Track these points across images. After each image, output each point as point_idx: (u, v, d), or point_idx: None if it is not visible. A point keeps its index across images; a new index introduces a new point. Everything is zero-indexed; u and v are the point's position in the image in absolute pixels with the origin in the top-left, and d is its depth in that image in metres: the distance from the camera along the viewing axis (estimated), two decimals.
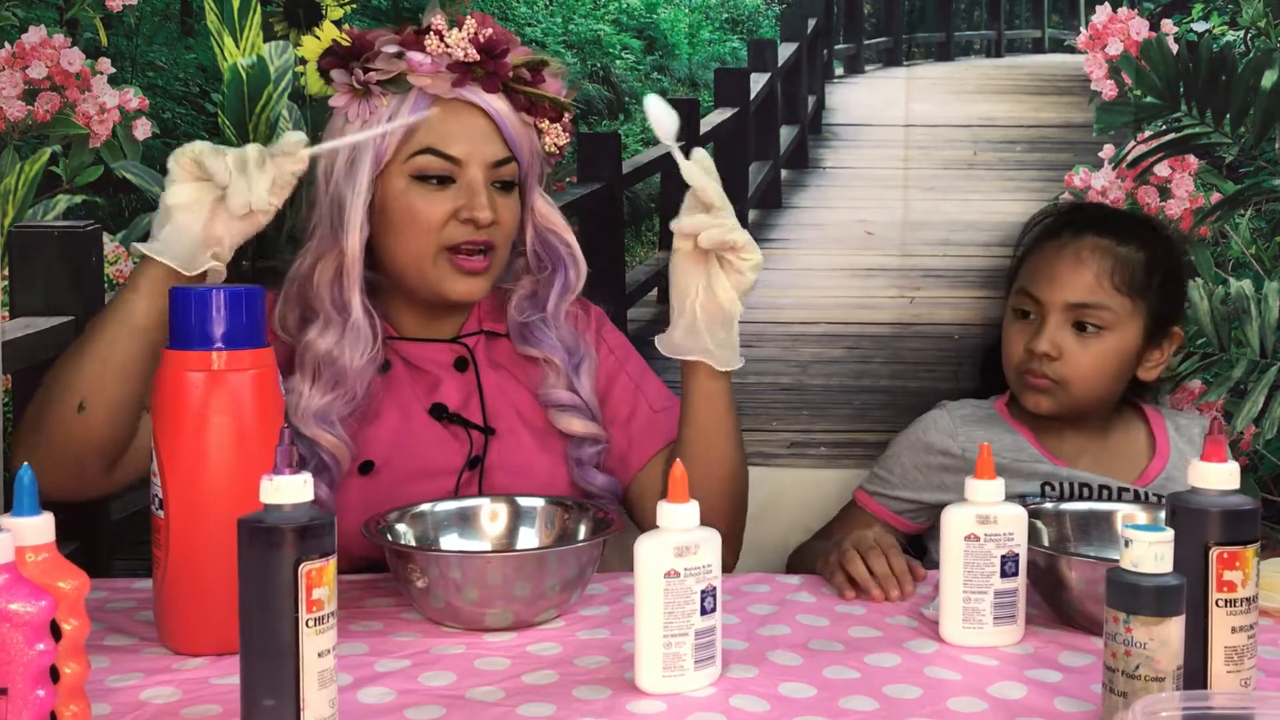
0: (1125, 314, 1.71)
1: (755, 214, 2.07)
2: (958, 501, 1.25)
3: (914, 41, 2.07)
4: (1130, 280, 1.70)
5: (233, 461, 1.19)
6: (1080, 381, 1.70)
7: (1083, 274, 1.70)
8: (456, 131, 1.51)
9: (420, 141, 1.51)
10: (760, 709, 1.10)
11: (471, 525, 1.44)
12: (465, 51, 1.49)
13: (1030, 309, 1.73)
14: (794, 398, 2.06)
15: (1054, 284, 1.71)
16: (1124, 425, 1.80)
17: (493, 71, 1.51)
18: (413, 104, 1.50)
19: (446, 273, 1.52)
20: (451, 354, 1.60)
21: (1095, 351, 1.70)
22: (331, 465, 1.49)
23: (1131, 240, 1.73)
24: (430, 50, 1.49)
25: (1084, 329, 1.70)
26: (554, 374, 1.59)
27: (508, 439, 1.57)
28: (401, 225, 1.52)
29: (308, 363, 1.50)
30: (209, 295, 1.20)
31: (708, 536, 1.13)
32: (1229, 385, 2.03)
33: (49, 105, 1.92)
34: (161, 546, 1.23)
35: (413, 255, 1.53)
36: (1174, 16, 2.01)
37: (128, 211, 1.95)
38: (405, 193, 1.51)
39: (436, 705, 1.10)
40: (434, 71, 1.50)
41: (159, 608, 1.25)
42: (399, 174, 1.52)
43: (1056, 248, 1.73)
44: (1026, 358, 1.71)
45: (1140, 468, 1.76)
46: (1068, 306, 1.70)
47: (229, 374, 1.19)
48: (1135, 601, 1.00)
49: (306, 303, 1.53)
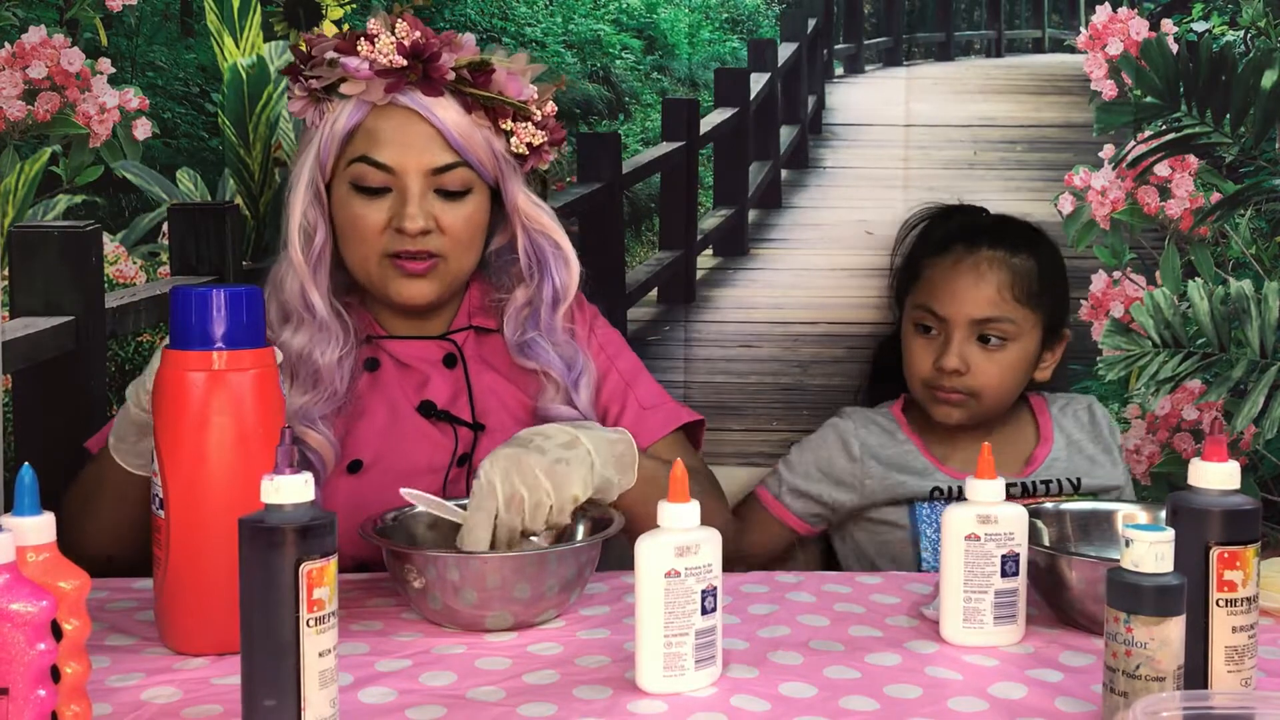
0: (1026, 324, 1.74)
1: (755, 214, 2.07)
2: (959, 502, 1.26)
3: (914, 41, 2.07)
4: (1028, 291, 1.74)
5: (233, 461, 1.19)
6: (990, 392, 1.74)
7: (983, 289, 1.73)
8: (392, 139, 1.50)
9: (356, 149, 1.51)
10: (761, 709, 1.10)
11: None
12: (390, 59, 1.48)
13: (932, 324, 1.76)
14: (794, 398, 2.06)
15: (955, 300, 1.73)
16: (1010, 419, 1.83)
17: (428, 76, 1.50)
18: (352, 110, 1.51)
19: (391, 277, 1.53)
20: (440, 350, 1.60)
21: (1001, 363, 1.73)
22: (317, 464, 1.50)
23: (1022, 250, 1.76)
24: (363, 55, 1.49)
25: (988, 341, 1.73)
26: (552, 388, 1.58)
27: (497, 435, 1.56)
28: (345, 233, 1.54)
29: (285, 363, 1.50)
30: (210, 295, 1.20)
31: (708, 536, 1.13)
32: (1229, 385, 2.03)
33: (49, 105, 1.92)
34: (162, 546, 1.22)
35: (359, 260, 1.54)
36: (1174, 16, 2.01)
37: (128, 211, 1.95)
38: (346, 201, 1.53)
39: (437, 705, 1.10)
40: (368, 77, 1.49)
41: (160, 607, 1.25)
42: (341, 181, 1.53)
43: (952, 263, 1.75)
44: (935, 374, 1.74)
45: (1026, 454, 1.80)
46: (972, 322, 1.73)
47: (229, 374, 1.19)
48: (1136, 601, 1.00)
49: (282, 303, 1.55)
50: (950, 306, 1.73)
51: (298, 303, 1.53)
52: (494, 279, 1.63)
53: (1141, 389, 2.05)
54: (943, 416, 1.76)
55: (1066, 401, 1.87)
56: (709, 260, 2.07)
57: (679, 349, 2.06)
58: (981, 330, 1.73)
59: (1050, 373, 1.82)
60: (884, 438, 1.81)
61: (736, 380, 2.07)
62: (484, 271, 1.63)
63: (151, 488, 1.24)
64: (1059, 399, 1.87)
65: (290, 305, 1.53)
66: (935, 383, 1.75)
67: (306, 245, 1.53)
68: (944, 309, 1.74)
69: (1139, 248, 2.05)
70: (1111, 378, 2.06)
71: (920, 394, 1.78)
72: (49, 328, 1.87)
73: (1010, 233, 1.79)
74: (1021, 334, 1.74)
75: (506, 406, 1.59)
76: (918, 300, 1.78)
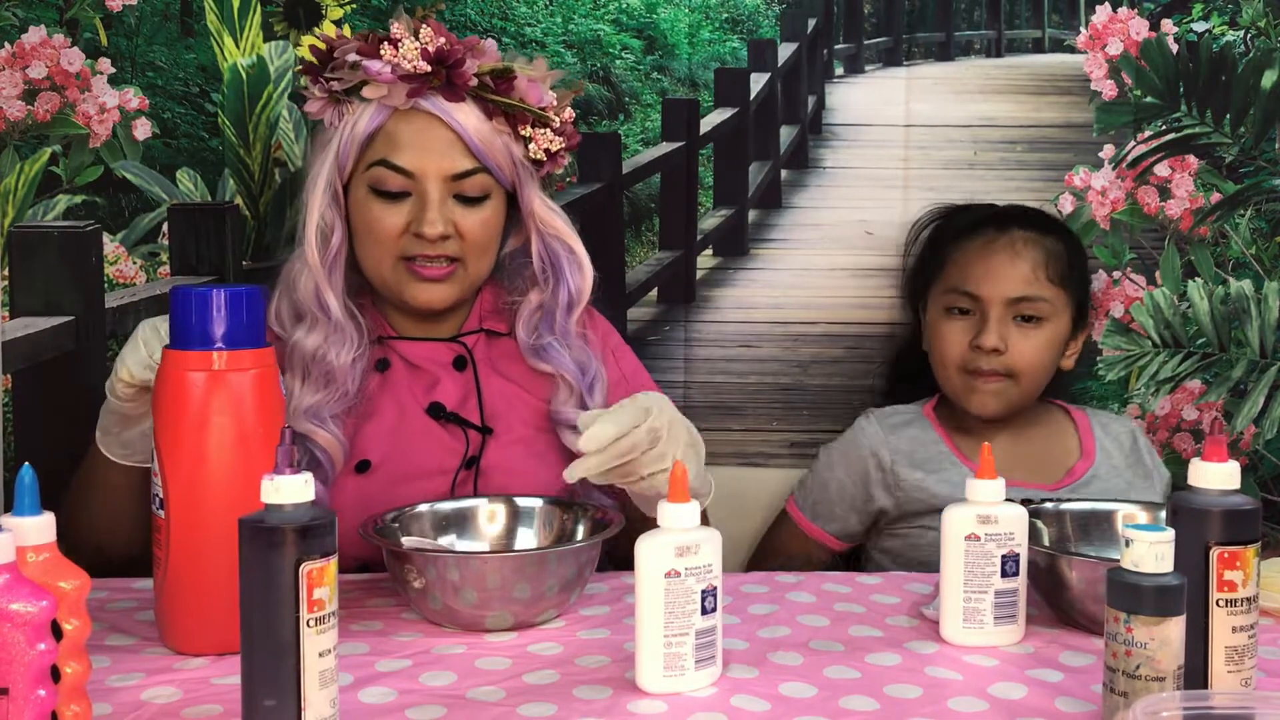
0: (1059, 304, 1.74)
1: (755, 214, 2.07)
2: (960, 502, 1.26)
3: (914, 41, 2.07)
4: (1060, 271, 1.74)
5: (233, 461, 1.19)
6: (1028, 373, 1.73)
7: (1020, 267, 1.72)
8: (413, 143, 1.50)
9: (376, 153, 1.51)
10: (761, 709, 1.10)
11: (470, 525, 1.44)
12: (414, 64, 1.48)
13: (968, 305, 1.74)
14: (794, 398, 2.06)
15: (991, 279, 1.72)
16: (1050, 426, 1.82)
17: (451, 81, 1.50)
18: (373, 114, 1.51)
19: (406, 281, 1.53)
20: (450, 353, 1.60)
21: (1037, 343, 1.73)
22: (325, 462, 1.49)
23: (1052, 232, 1.77)
24: (386, 59, 1.49)
25: (1024, 320, 1.72)
26: (566, 390, 1.58)
27: (505, 439, 1.56)
28: (362, 235, 1.54)
29: (297, 361, 1.51)
30: (209, 295, 1.20)
31: (708, 536, 1.13)
32: (1229, 385, 2.03)
33: (49, 105, 1.92)
34: (162, 546, 1.22)
35: (374, 263, 1.54)
36: (1174, 16, 2.01)
37: (128, 211, 1.95)
38: (364, 204, 1.53)
39: (437, 705, 1.10)
40: (390, 81, 1.49)
41: (160, 607, 1.25)
42: (360, 184, 1.53)
43: (984, 243, 1.75)
44: (972, 355, 1.72)
45: (1067, 467, 1.77)
46: (1009, 301, 1.72)
47: (229, 374, 1.19)
48: (1136, 601, 1.00)
49: (295, 302, 1.54)
50: (986, 285, 1.72)
51: (312, 303, 1.52)
52: (507, 282, 1.63)
53: (1141, 389, 2.05)
54: (979, 407, 1.73)
55: (1108, 420, 1.84)
56: (709, 260, 2.07)
57: (679, 349, 2.06)
58: (1019, 309, 1.72)
59: (1074, 361, 1.81)
60: (914, 441, 1.78)
61: (736, 380, 2.07)
62: (497, 275, 1.63)
63: (151, 488, 1.24)
64: (1100, 416, 1.85)
65: (304, 305, 1.53)
66: (972, 365, 1.72)
67: (323, 246, 1.53)
68: (980, 288, 1.72)
69: (1139, 248, 2.05)
70: (1111, 378, 2.06)
71: (956, 383, 1.75)
72: (49, 328, 1.87)
73: (1037, 217, 1.80)
74: (1055, 314, 1.73)
75: (515, 411, 1.58)
76: (949, 285, 1.76)
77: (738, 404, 2.06)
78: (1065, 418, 1.84)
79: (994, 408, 1.73)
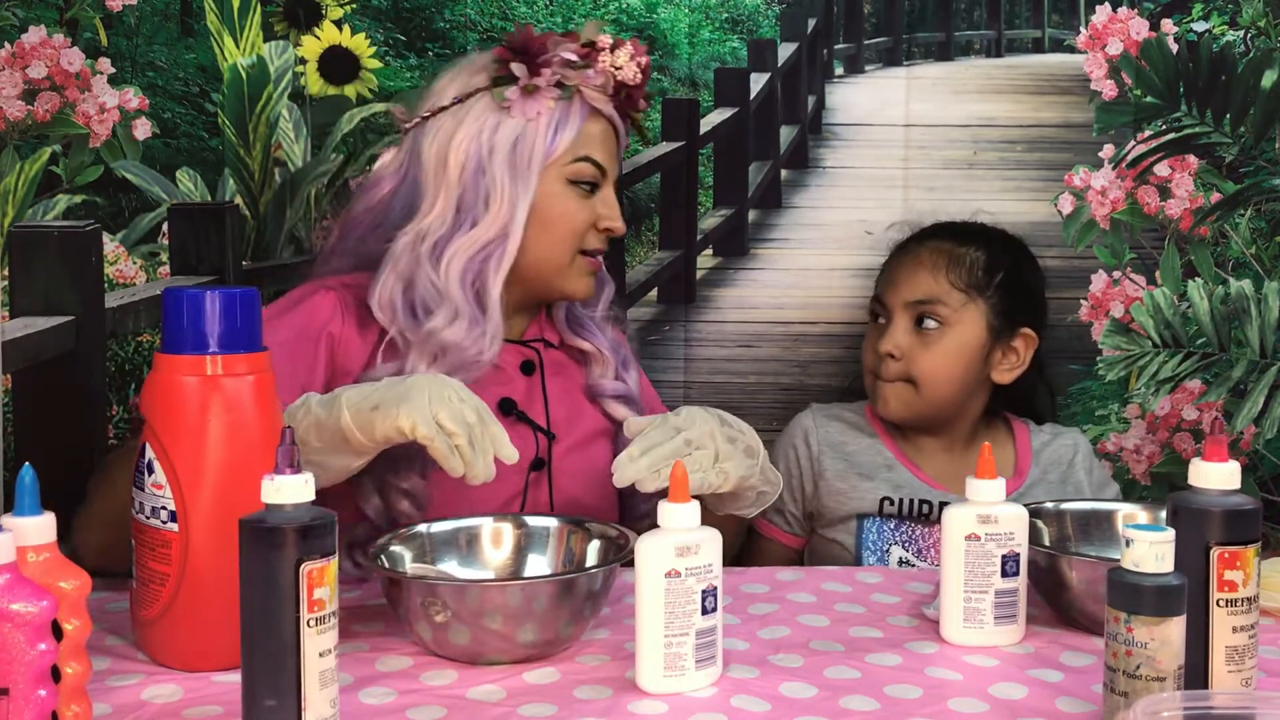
0: (965, 311, 1.71)
1: (755, 214, 2.07)
2: (959, 501, 1.26)
3: (914, 41, 2.07)
4: (967, 277, 1.72)
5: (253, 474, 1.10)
6: (927, 380, 1.71)
7: (919, 272, 1.73)
8: (606, 145, 1.56)
9: (582, 148, 1.54)
10: (761, 709, 1.10)
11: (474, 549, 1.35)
12: (634, 74, 1.54)
13: (880, 313, 1.76)
14: (794, 398, 2.06)
15: (895, 286, 1.74)
16: (987, 436, 1.78)
17: (630, 97, 1.56)
18: (578, 113, 1.53)
19: (579, 272, 1.57)
20: (519, 356, 1.60)
21: (936, 349, 1.71)
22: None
23: (970, 242, 1.75)
24: (600, 67, 1.53)
25: (922, 324, 1.72)
26: (602, 365, 1.63)
27: (566, 443, 1.58)
28: (549, 224, 1.54)
29: (427, 350, 1.48)
30: (202, 297, 1.15)
31: (709, 536, 1.13)
32: (1229, 385, 2.03)
33: (49, 105, 1.92)
34: (173, 563, 1.16)
35: (551, 252, 1.55)
36: (1174, 16, 2.01)
37: (128, 211, 1.95)
38: (560, 195, 1.54)
39: (438, 705, 1.10)
40: (602, 87, 1.54)
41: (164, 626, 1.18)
42: (557, 177, 1.54)
43: (900, 254, 1.77)
44: (875, 360, 1.74)
45: None
46: (907, 305, 1.73)
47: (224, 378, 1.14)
48: (1136, 601, 1.00)
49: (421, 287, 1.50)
50: (891, 293, 1.74)
51: (467, 294, 1.50)
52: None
53: (1141, 389, 2.05)
54: (882, 409, 1.75)
55: (1054, 436, 1.81)
56: (709, 260, 2.07)
57: (679, 349, 2.06)
58: (917, 313, 1.72)
59: (1012, 376, 1.75)
60: (847, 433, 1.78)
61: (736, 380, 2.07)
62: None
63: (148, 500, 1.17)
64: (1048, 430, 1.82)
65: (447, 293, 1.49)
66: (877, 369, 1.74)
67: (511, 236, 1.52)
68: (886, 295, 1.75)
69: (1139, 248, 2.05)
70: (1111, 378, 2.06)
71: (869, 385, 1.77)
72: (49, 328, 1.87)
73: (966, 229, 1.78)
74: (959, 321, 1.71)
75: (575, 418, 1.60)
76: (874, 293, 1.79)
77: (738, 404, 2.06)
78: (1006, 433, 1.81)
79: (896, 411, 1.73)
